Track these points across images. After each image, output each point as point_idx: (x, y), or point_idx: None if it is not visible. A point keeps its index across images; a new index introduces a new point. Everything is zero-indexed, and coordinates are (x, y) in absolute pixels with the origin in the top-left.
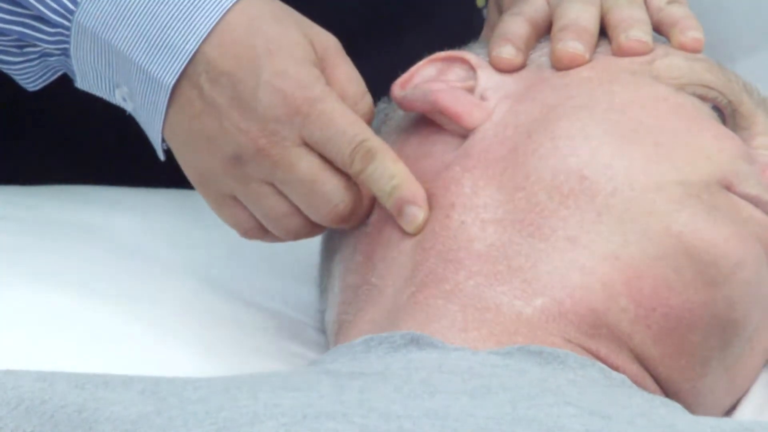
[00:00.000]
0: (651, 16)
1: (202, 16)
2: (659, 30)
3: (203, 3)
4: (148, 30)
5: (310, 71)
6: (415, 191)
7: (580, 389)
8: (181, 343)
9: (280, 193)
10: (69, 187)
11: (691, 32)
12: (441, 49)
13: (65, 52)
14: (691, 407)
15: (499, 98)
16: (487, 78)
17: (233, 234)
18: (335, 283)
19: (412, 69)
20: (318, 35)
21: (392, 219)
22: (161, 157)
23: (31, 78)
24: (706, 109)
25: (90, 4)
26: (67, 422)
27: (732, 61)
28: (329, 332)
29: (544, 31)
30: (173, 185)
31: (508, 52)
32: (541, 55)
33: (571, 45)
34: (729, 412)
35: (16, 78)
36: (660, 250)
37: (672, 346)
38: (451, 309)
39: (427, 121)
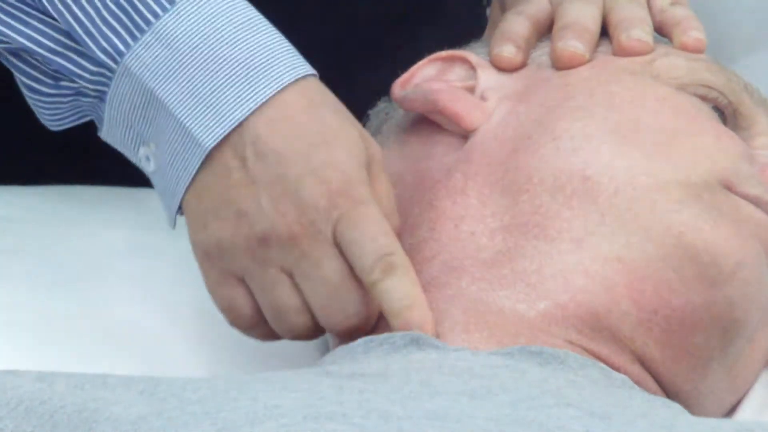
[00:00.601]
0: (653, 17)
1: (260, 85)
2: (661, 31)
3: (263, 72)
4: (199, 89)
5: (360, 171)
6: (424, 317)
7: (581, 390)
8: (182, 343)
9: (296, 286)
10: (69, 187)
11: (694, 32)
12: (445, 48)
13: (101, 96)
14: (691, 408)
15: (499, 98)
16: (487, 78)
17: None
18: None
19: (413, 68)
20: (369, 141)
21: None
22: (171, 226)
23: (57, 116)
24: (706, 109)
25: (143, 50)
26: (67, 423)
27: (732, 61)
28: (329, 333)
29: (546, 30)
30: None
31: (508, 51)
32: (541, 54)
33: (572, 44)
34: (729, 412)
35: (42, 113)
36: (661, 251)
37: (673, 347)
38: (453, 312)
39: (428, 121)
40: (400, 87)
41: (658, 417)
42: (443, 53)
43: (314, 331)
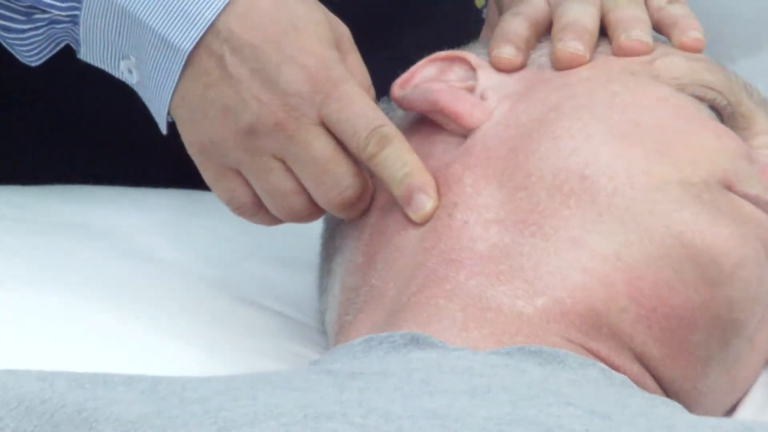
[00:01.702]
0: (651, 16)
1: None
2: (659, 30)
3: None
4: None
5: (332, 52)
6: (426, 180)
7: (581, 389)
8: (182, 343)
9: (289, 170)
10: (69, 187)
11: (692, 32)
12: (440, 48)
13: (74, 20)
14: (691, 407)
15: (500, 98)
16: (487, 78)
17: (235, 234)
18: (336, 284)
19: (412, 68)
20: (335, 21)
21: (394, 221)
22: (163, 131)
23: (34, 50)
24: (705, 109)
25: None
26: (68, 422)
27: (732, 61)
28: (329, 333)
29: (545, 30)
30: (174, 185)
31: (508, 52)
32: (541, 54)
33: (571, 45)
34: (729, 412)
35: (20, 51)
36: (661, 250)
37: (673, 346)
38: (452, 308)
39: (428, 121)
40: (400, 87)
41: (657, 416)
42: (442, 53)
43: (312, 212)
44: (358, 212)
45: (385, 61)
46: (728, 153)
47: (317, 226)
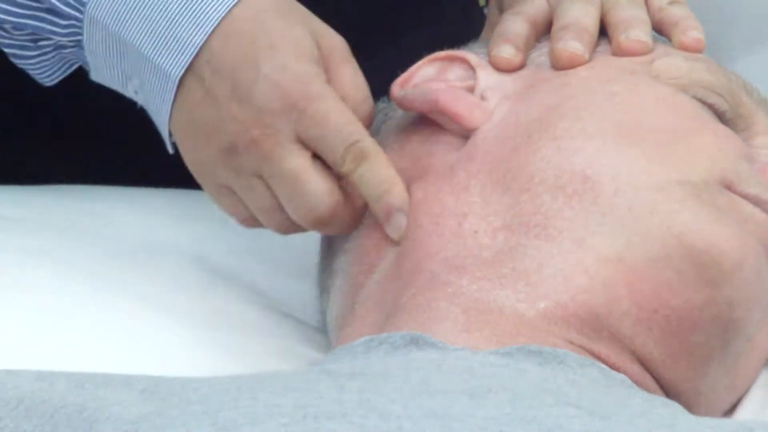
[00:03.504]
0: (652, 17)
1: (211, 9)
2: (660, 30)
3: None
4: (158, 23)
5: (310, 68)
6: (403, 198)
7: (580, 389)
8: (184, 343)
9: (269, 187)
10: (69, 187)
11: (693, 32)
12: (443, 48)
13: (79, 44)
14: (691, 407)
15: (499, 98)
16: (486, 78)
17: (235, 234)
18: (336, 284)
19: (412, 68)
20: (325, 34)
21: None
22: (170, 150)
23: (47, 72)
24: (705, 110)
25: None
26: (67, 422)
27: (732, 61)
28: (330, 333)
29: (544, 30)
30: (174, 185)
31: (507, 52)
32: (540, 54)
33: (571, 45)
34: (729, 412)
35: (33, 73)
36: (661, 251)
37: (673, 347)
38: (454, 311)
39: (428, 121)
40: (400, 87)
41: (657, 416)
42: (442, 53)
43: (295, 226)
44: (336, 229)
45: (390, 62)
46: (728, 153)
47: None
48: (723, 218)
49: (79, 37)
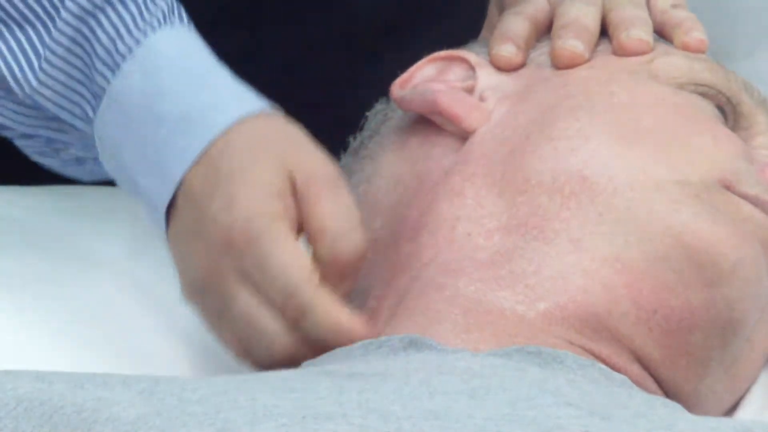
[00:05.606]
0: (654, 19)
1: (194, 139)
2: (662, 32)
3: (200, 123)
4: (148, 148)
5: (263, 202)
6: (356, 330)
7: (580, 389)
8: (182, 343)
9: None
10: (69, 187)
11: (696, 33)
12: (452, 47)
13: (96, 162)
14: (691, 407)
15: (498, 99)
16: (486, 77)
17: None
18: None
19: (412, 68)
20: (303, 164)
21: (393, 230)
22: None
23: (80, 175)
24: (707, 108)
25: (105, 113)
26: (66, 423)
27: (732, 61)
28: None
29: (545, 29)
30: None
31: (507, 51)
32: (540, 54)
33: (571, 44)
34: (729, 412)
35: (72, 176)
36: (660, 251)
37: (673, 347)
38: (453, 312)
39: (427, 122)
40: (399, 87)
41: (657, 416)
42: (442, 53)
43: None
44: (302, 362)
45: (400, 63)
46: (727, 153)
47: None
48: (722, 218)
49: (96, 155)
